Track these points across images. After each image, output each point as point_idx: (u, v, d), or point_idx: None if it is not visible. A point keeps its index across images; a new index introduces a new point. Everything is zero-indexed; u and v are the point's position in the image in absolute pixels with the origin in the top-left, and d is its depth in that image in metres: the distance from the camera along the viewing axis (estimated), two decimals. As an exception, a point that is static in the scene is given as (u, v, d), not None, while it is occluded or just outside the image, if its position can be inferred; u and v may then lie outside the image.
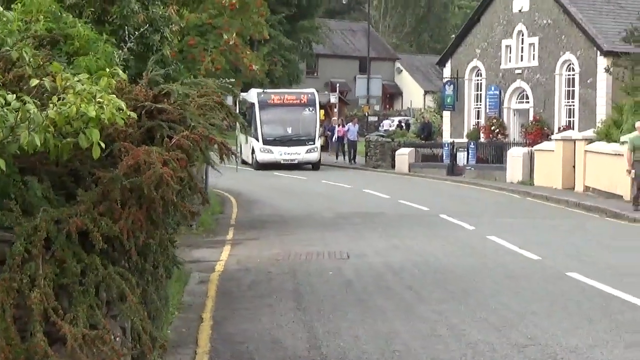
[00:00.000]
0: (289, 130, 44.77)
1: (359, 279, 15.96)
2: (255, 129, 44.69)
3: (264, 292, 14.86)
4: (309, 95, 48.76)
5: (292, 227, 24.48)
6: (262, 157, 43.25)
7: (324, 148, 55.88)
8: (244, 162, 45.97)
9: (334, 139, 60.51)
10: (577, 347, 10.74)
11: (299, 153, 43.60)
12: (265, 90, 47.71)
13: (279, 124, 44.70)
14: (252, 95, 47.25)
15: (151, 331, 7.67)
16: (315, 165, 45.20)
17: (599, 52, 42.84)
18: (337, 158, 59.23)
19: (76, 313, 6.47)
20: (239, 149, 46.90)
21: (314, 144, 45.09)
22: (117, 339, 7.05)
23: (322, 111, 54.52)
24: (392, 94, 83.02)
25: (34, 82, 6.93)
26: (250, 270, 17.14)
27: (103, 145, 6.77)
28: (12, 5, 9.46)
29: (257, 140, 44.34)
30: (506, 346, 11.06)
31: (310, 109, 46.97)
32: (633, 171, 27.52)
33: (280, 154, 43.26)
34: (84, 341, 6.37)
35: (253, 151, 44.81)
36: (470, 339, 11.44)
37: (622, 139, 30.57)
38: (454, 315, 12.90)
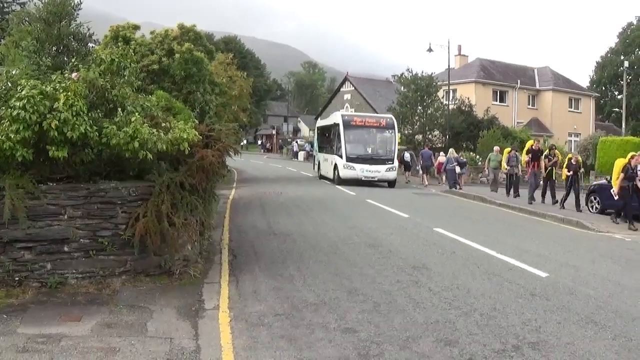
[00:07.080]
0: (369, 150, 22.64)
1: (286, 202, 15.91)
2: (339, 147, 22.49)
3: (249, 207, 14.75)
4: (388, 120, 23.71)
5: (258, 182, 24.13)
6: (344, 173, 21.94)
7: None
8: (322, 177, 25.29)
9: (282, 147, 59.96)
10: (382, 236, 10.24)
11: (379, 171, 22.11)
12: (348, 113, 28.23)
13: (361, 143, 22.64)
14: (337, 117, 23.89)
15: (207, 221, 7.71)
16: (392, 183, 22.49)
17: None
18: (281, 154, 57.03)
19: (179, 214, 6.48)
20: (316, 166, 27.53)
21: (392, 163, 22.39)
22: (195, 224, 7.10)
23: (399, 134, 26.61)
24: (296, 131, 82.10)
25: (163, 124, 6.96)
26: (243, 198, 16.96)
27: (189, 148, 6.80)
28: (152, 96, 8.90)
29: (341, 157, 22.19)
30: (345, 228, 11.23)
31: (390, 131, 23.04)
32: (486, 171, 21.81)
33: (362, 170, 21.90)
34: (182, 224, 6.43)
35: (335, 167, 22.63)
36: (329, 224, 11.63)
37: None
38: (323, 215, 13.03)
